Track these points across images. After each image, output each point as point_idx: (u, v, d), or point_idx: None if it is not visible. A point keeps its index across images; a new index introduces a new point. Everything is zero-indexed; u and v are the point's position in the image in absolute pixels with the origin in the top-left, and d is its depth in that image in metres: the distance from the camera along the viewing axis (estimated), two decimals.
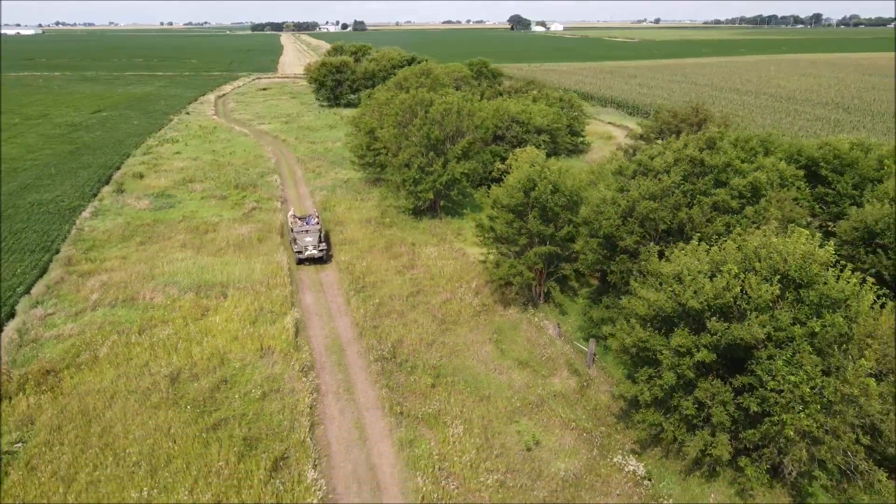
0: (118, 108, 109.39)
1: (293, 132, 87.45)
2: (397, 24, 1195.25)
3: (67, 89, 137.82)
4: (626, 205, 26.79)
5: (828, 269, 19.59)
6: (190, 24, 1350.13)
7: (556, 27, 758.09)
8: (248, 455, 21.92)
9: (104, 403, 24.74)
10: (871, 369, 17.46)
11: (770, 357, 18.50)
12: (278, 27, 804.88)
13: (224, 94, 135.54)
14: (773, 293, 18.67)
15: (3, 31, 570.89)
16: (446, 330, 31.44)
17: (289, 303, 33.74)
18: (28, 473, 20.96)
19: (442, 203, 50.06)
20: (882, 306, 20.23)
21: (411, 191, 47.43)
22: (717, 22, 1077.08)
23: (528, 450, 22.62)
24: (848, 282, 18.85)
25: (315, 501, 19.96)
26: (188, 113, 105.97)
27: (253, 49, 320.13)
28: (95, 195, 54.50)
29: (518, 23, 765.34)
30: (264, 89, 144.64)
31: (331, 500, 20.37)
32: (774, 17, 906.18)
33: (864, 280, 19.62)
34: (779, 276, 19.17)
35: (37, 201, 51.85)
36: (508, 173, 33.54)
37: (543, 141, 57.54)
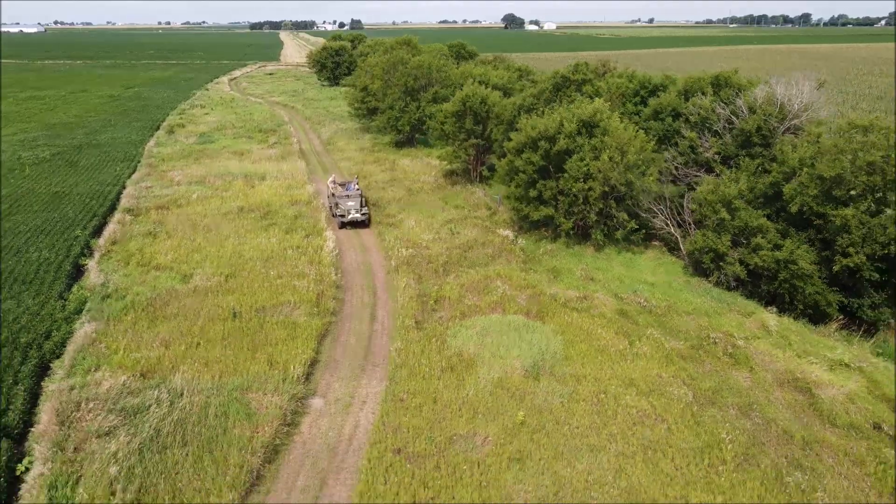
0: (146, 85, 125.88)
1: (300, 102, 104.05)
2: (394, 23, 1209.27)
3: (95, 73, 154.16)
4: (521, 102, 43.44)
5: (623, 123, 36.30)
6: (188, 23, 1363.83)
7: (549, 26, 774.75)
8: (290, 232, 38.45)
9: (200, 217, 41.19)
10: (613, 157, 33.98)
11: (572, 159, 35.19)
12: (276, 26, 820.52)
13: (235, 78, 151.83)
14: (573, 127, 35.27)
15: (6, 30, 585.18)
16: (412, 195, 48.02)
17: (308, 181, 50.34)
18: (168, 236, 37.40)
19: (417, 136, 66.62)
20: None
21: (393, 126, 63.98)
22: (710, 22, 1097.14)
23: (453, 234, 39.14)
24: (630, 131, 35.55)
25: (329, 252, 36.28)
26: (207, 90, 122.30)
27: (254, 44, 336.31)
28: (152, 136, 70.93)
29: (512, 21, 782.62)
30: (271, 74, 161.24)
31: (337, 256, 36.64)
32: (765, 16, 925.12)
33: (638, 128, 36.32)
34: (579, 120, 35.78)
35: (110, 138, 68.37)
36: None
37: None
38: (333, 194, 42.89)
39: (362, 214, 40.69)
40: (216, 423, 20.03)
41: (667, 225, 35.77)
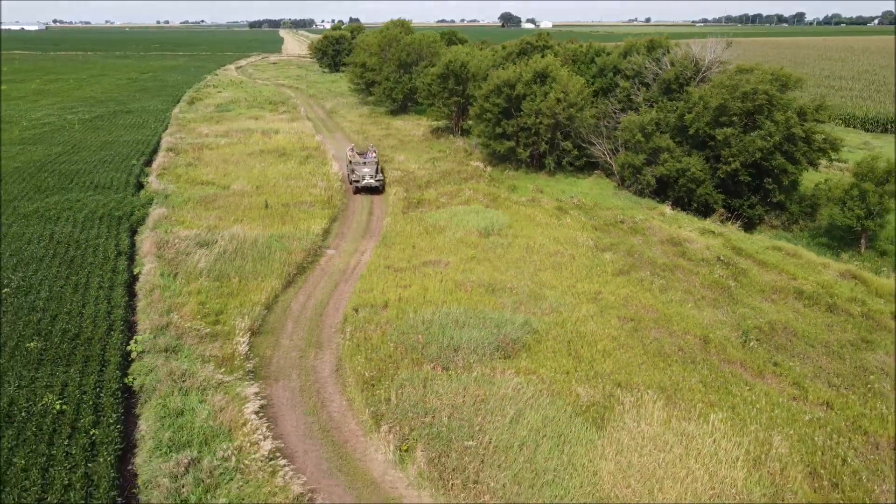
0: (159, 71, 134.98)
1: (304, 84, 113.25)
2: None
3: (108, 62, 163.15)
4: (492, 62, 52.72)
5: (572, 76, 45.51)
6: (186, 22, 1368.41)
7: (546, 24, 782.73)
8: (303, 163, 47.66)
9: (229, 155, 50.34)
10: (559, 97, 43.22)
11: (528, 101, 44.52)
12: (276, 24, 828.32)
13: (241, 66, 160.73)
14: (529, 76, 44.54)
15: (6, 27, 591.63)
16: (403, 144, 57.34)
17: (315, 135, 59.63)
18: (205, 165, 46.54)
19: (410, 105, 75.86)
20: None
21: (389, 95, 73.23)
22: (705, 21, 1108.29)
23: (434, 165, 48.38)
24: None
25: (336, 174, 45.40)
26: (216, 75, 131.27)
27: (255, 40, 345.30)
28: (175, 105, 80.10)
29: (509, 20, 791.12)
30: (274, 63, 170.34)
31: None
32: (759, 15, 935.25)
33: (582, 81, 45.63)
34: (534, 71, 45.07)
35: (139, 107, 77.59)
36: None
37: None
38: (351, 161, 44.23)
39: (377, 181, 41.86)
40: (263, 249, 29.31)
41: (604, 155, 45.07)
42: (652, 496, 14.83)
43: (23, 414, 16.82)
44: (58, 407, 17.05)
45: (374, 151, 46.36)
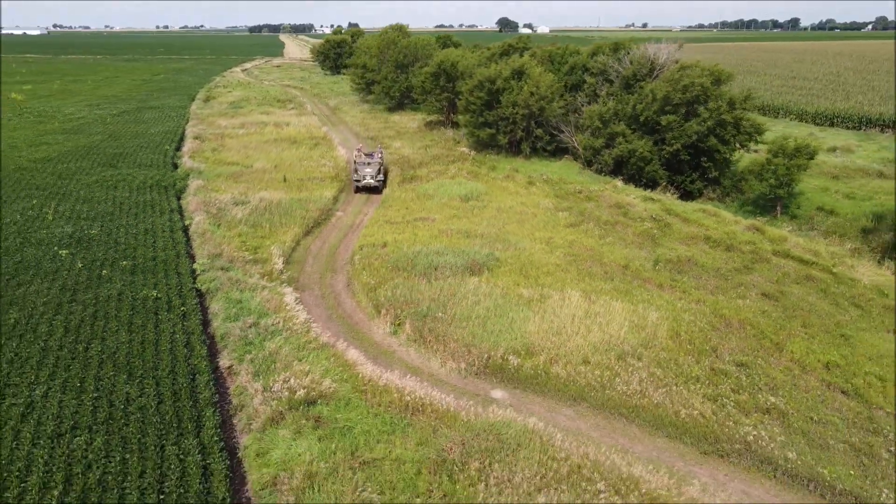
0: (169, 73, 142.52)
1: (307, 84, 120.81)
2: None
3: (119, 65, 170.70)
4: (478, 60, 60.22)
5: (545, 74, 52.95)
6: (185, 27, 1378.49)
7: (543, 29, 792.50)
8: (312, 149, 55.05)
9: (248, 142, 57.74)
10: (532, 91, 50.59)
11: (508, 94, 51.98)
12: (275, 29, 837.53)
13: (246, 69, 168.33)
14: (507, 73, 51.99)
15: (8, 32, 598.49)
16: (399, 134, 64.79)
17: (321, 127, 67.08)
18: (228, 150, 53.91)
19: (406, 103, 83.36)
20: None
21: (387, 93, 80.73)
22: (701, 26, 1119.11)
23: (426, 150, 55.78)
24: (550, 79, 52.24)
25: (342, 157, 52.76)
26: (224, 76, 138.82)
27: (257, 44, 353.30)
28: (191, 103, 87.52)
29: (506, 25, 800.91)
30: (277, 66, 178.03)
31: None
32: (755, 21, 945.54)
33: (552, 76, 53.09)
34: (512, 69, 52.52)
35: (159, 104, 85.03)
36: None
37: None
38: (356, 161, 44.51)
39: (377, 181, 43.36)
40: (286, 207, 36.71)
41: (572, 141, 52.50)
42: (563, 343, 22.15)
43: (130, 298, 24.13)
44: (154, 294, 24.39)
45: (381, 153, 46.18)
